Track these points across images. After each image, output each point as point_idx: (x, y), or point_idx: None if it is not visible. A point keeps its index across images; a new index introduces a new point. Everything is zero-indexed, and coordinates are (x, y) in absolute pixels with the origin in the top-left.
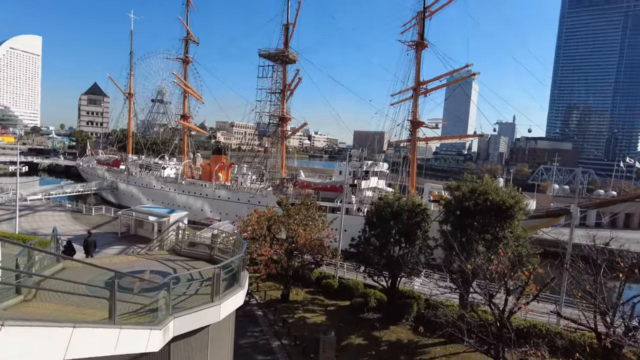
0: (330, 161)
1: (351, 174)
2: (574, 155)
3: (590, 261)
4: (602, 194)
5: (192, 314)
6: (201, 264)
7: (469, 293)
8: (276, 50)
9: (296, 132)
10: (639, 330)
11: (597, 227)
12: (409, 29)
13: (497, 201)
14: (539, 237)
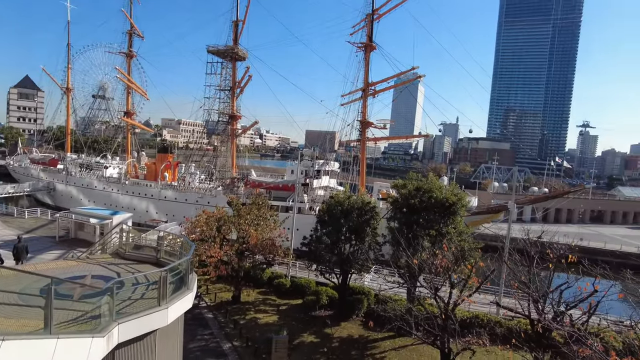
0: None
1: (303, 173)
2: (512, 154)
3: (525, 253)
4: (536, 191)
5: (137, 319)
6: (147, 267)
7: (416, 287)
8: (225, 47)
9: (247, 130)
10: (565, 314)
11: (531, 222)
12: (358, 31)
13: (441, 198)
14: (480, 233)
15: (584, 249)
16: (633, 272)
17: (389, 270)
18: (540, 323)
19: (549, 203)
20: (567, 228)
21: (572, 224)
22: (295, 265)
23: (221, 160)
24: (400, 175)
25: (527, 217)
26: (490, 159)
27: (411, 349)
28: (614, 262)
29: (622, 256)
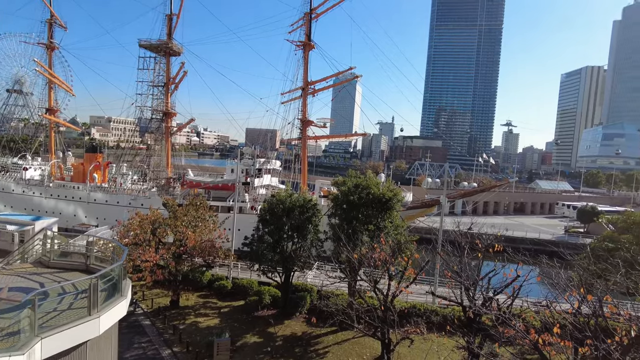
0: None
1: (244, 172)
2: (444, 152)
3: (456, 244)
4: (466, 185)
5: (64, 332)
6: (76, 275)
7: (357, 281)
8: (158, 41)
9: (182, 128)
10: (493, 300)
11: (462, 215)
12: (297, 29)
13: (378, 194)
14: (415, 226)
15: (508, 238)
16: (548, 257)
17: (331, 265)
18: (471, 309)
19: (477, 197)
20: (494, 219)
21: (499, 215)
22: (237, 267)
23: (155, 160)
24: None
25: (458, 210)
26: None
27: (353, 342)
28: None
29: (540, 243)
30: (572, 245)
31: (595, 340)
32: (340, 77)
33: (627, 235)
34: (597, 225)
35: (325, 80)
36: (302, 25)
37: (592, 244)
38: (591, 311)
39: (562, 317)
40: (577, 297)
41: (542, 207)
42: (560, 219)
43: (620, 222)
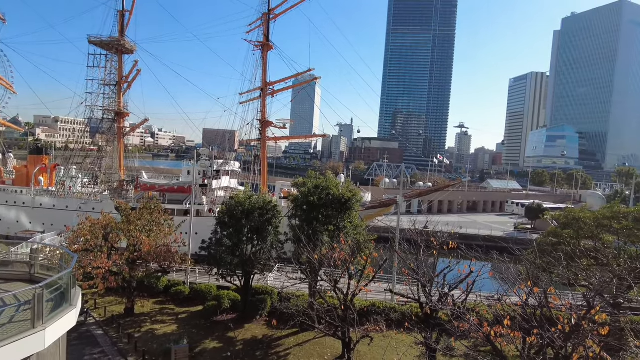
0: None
1: (201, 174)
2: (400, 153)
3: (413, 242)
4: (421, 185)
5: (4, 348)
6: (18, 285)
7: (317, 282)
8: (110, 38)
9: (136, 128)
10: (448, 295)
11: (419, 214)
12: (255, 29)
13: (338, 195)
14: (374, 225)
15: (462, 235)
16: (499, 253)
17: (292, 267)
18: (428, 305)
19: (432, 196)
20: (449, 217)
21: (453, 213)
22: (194, 271)
23: (107, 162)
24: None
25: (414, 209)
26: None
27: (314, 342)
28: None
29: (491, 240)
30: (521, 241)
31: (541, 329)
32: (299, 79)
33: (568, 230)
34: (543, 222)
35: (284, 81)
36: (260, 26)
37: (538, 240)
38: (537, 302)
39: (512, 309)
40: (525, 290)
41: (494, 205)
42: (510, 216)
43: (562, 218)
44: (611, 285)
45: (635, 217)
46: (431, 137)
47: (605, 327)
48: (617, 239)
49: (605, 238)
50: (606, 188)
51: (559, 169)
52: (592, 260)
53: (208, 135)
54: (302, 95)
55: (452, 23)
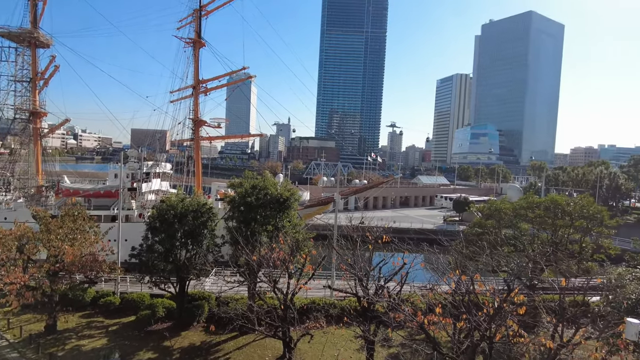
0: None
1: (129, 177)
2: (337, 151)
3: (349, 238)
4: (357, 183)
5: None
6: None
7: (256, 283)
8: (20, 30)
9: (56, 129)
10: (384, 288)
11: (355, 210)
12: (186, 26)
13: (276, 194)
14: (313, 224)
15: (396, 229)
16: (429, 244)
17: (230, 270)
18: (365, 298)
19: (368, 193)
20: (383, 213)
21: (387, 209)
22: (125, 280)
23: (22, 166)
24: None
25: (351, 206)
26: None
27: (255, 344)
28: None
29: (422, 233)
30: (450, 232)
31: (469, 314)
32: (233, 77)
33: (490, 221)
34: (469, 214)
35: (218, 79)
36: (191, 22)
37: (465, 230)
38: (465, 289)
39: (443, 297)
40: (454, 278)
41: (424, 200)
42: (439, 209)
43: (486, 210)
44: (527, 269)
45: (545, 206)
46: (365, 136)
47: (523, 307)
48: (531, 226)
49: (522, 226)
50: (523, 181)
51: (482, 164)
52: (511, 247)
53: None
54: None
55: (384, 25)
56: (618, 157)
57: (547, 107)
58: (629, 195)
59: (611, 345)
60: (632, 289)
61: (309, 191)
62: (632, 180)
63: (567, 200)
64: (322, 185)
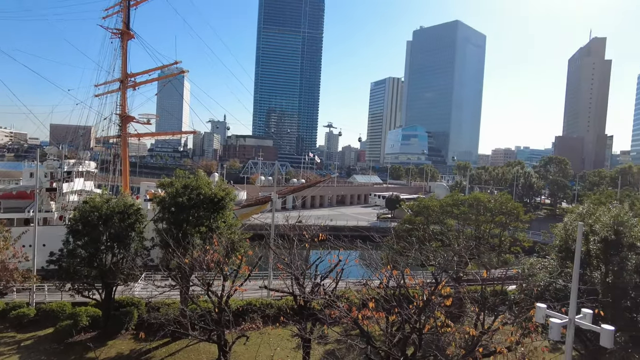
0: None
1: (48, 176)
2: (275, 150)
3: (286, 237)
4: (295, 182)
5: None
6: None
7: (189, 287)
8: None
9: None
10: (320, 285)
11: (293, 209)
12: (113, 15)
13: (210, 194)
14: (251, 224)
15: (332, 227)
16: (362, 241)
17: (161, 274)
18: (301, 297)
19: (305, 192)
20: (320, 211)
21: (324, 207)
22: (42, 289)
23: None
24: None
25: (289, 205)
26: (256, 155)
27: (188, 349)
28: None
29: (357, 230)
30: (382, 229)
31: (400, 307)
32: (165, 71)
33: (420, 217)
34: (400, 211)
35: (148, 73)
36: (119, 12)
37: (396, 227)
38: (396, 284)
39: (376, 292)
40: (386, 273)
41: (359, 198)
42: (373, 207)
43: (415, 207)
44: (452, 263)
45: (469, 203)
46: (303, 135)
47: (449, 298)
48: (457, 222)
49: (448, 222)
50: (449, 180)
51: (412, 164)
52: (439, 242)
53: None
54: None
55: (320, 26)
56: (531, 158)
57: (471, 111)
58: (540, 192)
59: (524, 329)
60: (541, 277)
61: (246, 191)
62: (542, 179)
63: (489, 198)
64: (260, 184)
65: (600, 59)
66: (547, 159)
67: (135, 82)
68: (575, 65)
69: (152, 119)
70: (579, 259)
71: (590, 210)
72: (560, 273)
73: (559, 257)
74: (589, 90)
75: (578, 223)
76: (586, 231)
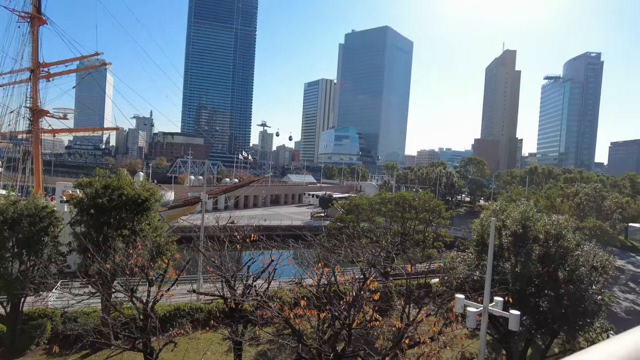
0: None
1: None
2: (206, 149)
3: (216, 239)
4: (228, 182)
5: None
6: None
7: (111, 294)
8: None
9: None
10: (252, 287)
11: (226, 210)
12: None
13: (133, 195)
14: (179, 225)
15: (266, 227)
16: (295, 240)
17: (80, 281)
18: (232, 299)
19: (238, 191)
20: (254, 212)
21: (258, 207)
22: None
23: None
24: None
25: (221, 205)
26: (185, 153)
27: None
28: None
29: (290, 229)
30: (315, 228)
31: (331, 304)
32: (85, 62)
33: (350, 216)
34: (333, 210)
35: (64, 64)
36: None
37: (328, 225)
38: (327, 281)
39: (308, 290)
40: (317, 271)
41: (294, 198)
42: (307, 206)
43: (347, 206)
44: (380, 258)
45: (396, 201)
46: (236, 134)
47: (377, 293)
48: (385, 219)
49: (377, 220)
50: (379, 179)
51: (345, 164)
52: (368, 239)
53: None
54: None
55: (253, 23)
56: (453, 159)
57: (399, 114)
58: (461, 191)
59: (446, 319)
60: (460, 270)
61: (174, 191)
62: (462, 178)
63: (414, 196)
64: (189, 184)
65: (511, 69)
66: (467, 159)
67: (49, 72)
68: (491, 74)
69: (70, 113)
70: (492, 252)
71: (502, 207)
72: (477, 265)
73: (476, 250)
74: (503, 97)
75: (492, 219)
76: (499, 226)
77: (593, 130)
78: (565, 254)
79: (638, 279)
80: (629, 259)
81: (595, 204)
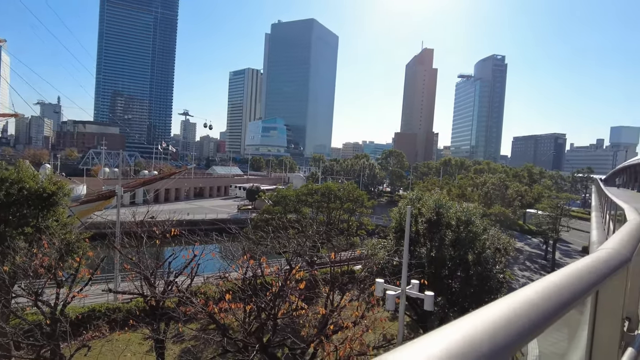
0: None
1: None
2: (122, 139)
3: (133, 235)
4: (147, 174)
5: None
6: None
7: (11, 299)
8: None
9: None
10: (173, 283)
11: (144, 204)
12: None
13: (37, 189)
14: (93, 221)
15: (190, 221)
16: (219, 234)
17: None
18: (151, 297)
19: (158, 184)
20: (176, 205)
21: (180, 201)
22: None
23: None
24: None
25: (140, 199)
26: (99, 143)
27: None
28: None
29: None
30: (242, 220)
31: (256, 296)
32: None
33: (278, 207)
34: (261, 202)
35: None
36: None
37: (255, 217)
38: (253, 273)
39: (234, 283)
40: (242, 264)
41: (219, 190)
42: (234, 199)
43: (274, 197)
44: (306, 248)
45: (322, 192)
46: (155, 123)
47: (303, 282)
48: (311, 210)
49: (304, 210)
50: (306, 171)
51: (272, 155)
52: (295, 230)
53: None
54: None
55: (175, 6)
56: (376, 151)
57: (326, 106)
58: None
59: (367, 303)
60: (381, 256)
61: (86, 184)
62: (384, 170)
63: (338, 187)
64: (103, 177)
65: (429, 67)
66: (388, 152)
67: None
68: (411, 71)
69: None
70: (408, 238)
71: (419, 196)
72: (396, 251)
73: (395, 237)
74: (421, 93)
75: (407, 207)
76: (415, 214)
77: (499, 125)
78: (474, 239)
79: (533, 258)
80: (526, 241)
81: (500, 193)
